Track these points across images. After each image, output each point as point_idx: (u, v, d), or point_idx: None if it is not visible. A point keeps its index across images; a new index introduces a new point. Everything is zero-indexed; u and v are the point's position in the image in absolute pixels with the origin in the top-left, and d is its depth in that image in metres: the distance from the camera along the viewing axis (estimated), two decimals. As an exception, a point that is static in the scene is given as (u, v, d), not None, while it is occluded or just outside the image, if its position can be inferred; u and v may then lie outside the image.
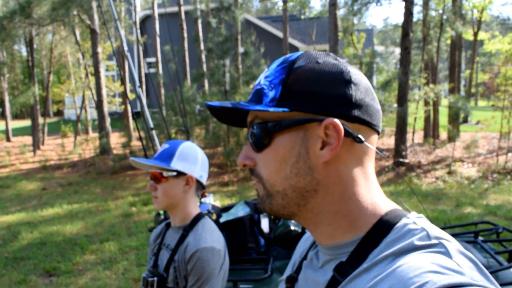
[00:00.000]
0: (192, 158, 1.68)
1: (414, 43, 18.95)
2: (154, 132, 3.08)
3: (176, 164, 1.64)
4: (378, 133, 0.75)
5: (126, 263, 5.40)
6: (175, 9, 16.51)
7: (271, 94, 0.72)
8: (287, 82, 0.71)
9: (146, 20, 22.04)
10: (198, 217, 1.70)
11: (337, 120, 0.68)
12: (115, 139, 15.46)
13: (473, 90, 37.31)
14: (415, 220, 0.68)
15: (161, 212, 2.46)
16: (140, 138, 2.77)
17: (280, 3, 19.86)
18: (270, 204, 0.75)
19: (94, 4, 12.68)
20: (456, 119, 11.65)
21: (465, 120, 18.67)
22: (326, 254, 0.75)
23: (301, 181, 0.71)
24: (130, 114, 15.81)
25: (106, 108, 13.56)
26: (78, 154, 14.50)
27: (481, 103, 38.74)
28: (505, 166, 9.40)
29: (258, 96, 0.74)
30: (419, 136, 13.85)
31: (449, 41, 16.03)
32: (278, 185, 0.72)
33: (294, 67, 0.71)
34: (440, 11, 12.74)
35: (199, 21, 13.45)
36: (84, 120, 19.54)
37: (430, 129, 13.15)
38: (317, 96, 0.69)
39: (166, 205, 1.67)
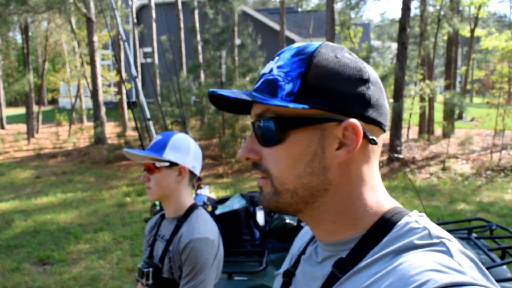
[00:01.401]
0: (184, 149, 1.70)
1: (411, 38, 18.93)
2: (150, 123, 3.07)
3: (169, 154, 1.65)
4: (384, 131, 0.74)
5: (120, 252, 5.40)
6: (172, -1, 16.38)
7: (288, 87, 0.68)
8: (307, 77, 0.68)
9: (143, 10, 21.87)
10: (192, 208, 1.71)
11: (357, 122, 0.67)
12: (110, 129, 15.40)
13: (468, 86, 37.41)
14: (417, 219, 0.68)
15: (157, 202, 2.46)
16: (136, 128, 2.76)
17: (278, -5, 19.78)
18: (276, 202, 0.72)
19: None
20: (451, 115, 11.70)
21: (460, 117, 18.74)
22: (326, 250, 0.74)
23: (314, 181, 0.69)
24: (125, 103, 15.74)
25: (101, 98, 13.49)
26: (72, 143, 14.45)
27: (476, 100, 38.91)
28: (499, 163, 9.47)
29: (271, 87, 0.70)
30: (414, 132, 13.90)
31: (446, 37, 16.04)
32: (289, 184, 0.70)
33: (313, 60, 0.68)
34: (438, 7, 12.73)
35: (196, 11, 13.37)
36: (79, 109, 19.44)
37: (425, 125, 13.20)
38: (337, 94, 0.67)
39: (159, 195, 1.69)
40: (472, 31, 18.86)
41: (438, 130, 13.72)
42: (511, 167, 9.19)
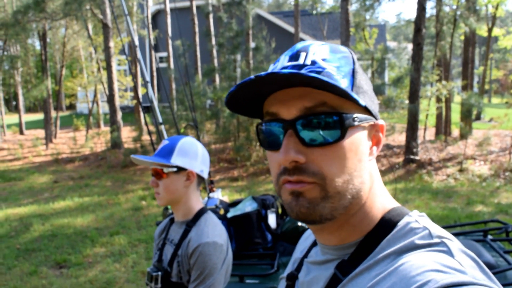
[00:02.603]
0: (192, 153, 1.70)
1: (427, 39, 18.75)
2: (163, 127, 3.09)
3: (176, 159, 1.65)
4: None
5: (135, 256, 5.44)
6: (186, 3, 16.51)
7: (343, 82, 0.65)
8: (357, 75, 0.68)
9: (158, 15, 22.10)
10: (201, 212, 1.71)
11: (384, 123, 0.72)
12: (126, 133, 15.57)
13: (486, 87, 36.89)
14: (417, 219, 0.67)
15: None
16: (149, 133, 2.79)
17: (292, -2, 19.80)
18: (323, 208, 0.65)
19: (107, -1, 12.75)
20: (469, 116, 11.52)
21: (478, 117, 18.48)
22: (329, 254, 0.74)
23: (358, 180, 0.67)
24: (140, 108, 15.88)
25: (117, 102, 13.65)
26: (89, 147, 14.63)
27: (495, 100, 38.28)
28: (518, 164, 9.28)
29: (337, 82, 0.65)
30: (430, 133, 13.72)
31: (462, 37, 15.82)
32: (341, 185, 0.65)
33: (355, 61, 0.70)
34: (454, 7, 12.57)
35: (211, 15, 13.44)
36: (96, 114, 19.70)
37: (442, 126, 13.02)
38: (371, 96, 0.71)
39: (168, 200, 1.69)
40: (490, 30, 18.60)
41: (455, 131, 13.52)
42: (531, 168, 8.99)
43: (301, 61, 0.66)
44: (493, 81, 38.66)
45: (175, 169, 1.65)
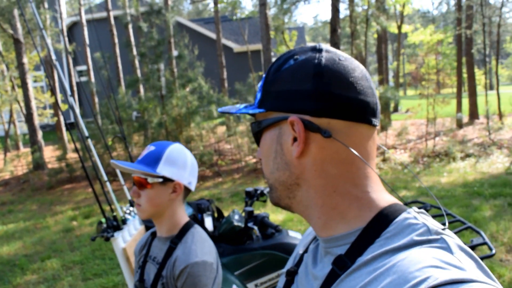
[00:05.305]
0: (181, 162, 1.53)
1: (344, 38, 19.68)
2: (90, 141, 3.02)
3: (163, 169, 1.49)
4: (371, 125, 0.73)
5: (71, 278, 5.22)
6: (103, 14, 16.07)
7: (258, 96, 0.78)
8: (265, 85, 0.76)
9: (74, 27, 21.26)
10: (187, 227, 1.55)
11: (296, 117, 0.69)
12: (49, 153, 14.78)
13: (401, 80, 39.26)
14: (416, 215, 0.68)
15: (103, 220, 2.42)
16: (76, 150, 2.69)
17: (212, 5, 19.87)
18: (271, 196, 0.80)
19: (17, 13, 12.06)
20: (387, 108, 12.24)
21: (396, 109, 19.63)
22: (323, 247, 0.75)
23: (282, 176, 0.75)
24: (63, 124, 15.18)
25: (37, 121, 12.94)
26: (9, 171, 13.71)
27: (410, 92, 40.89)
28: (434, 149, 10.03)
29: (255, 99, 0.80)
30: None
31: (375, 35, 16.78)
32: (269, 179, 0.79)
33: (269, 71, 0.77)
34: (365, 7, 13.32)
35: (130, 26, 13.18)
36: (14, 135, 18.50)
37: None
38: (287, 94, 0.71)
39: (151, 213, 1.53)
40: (399, 27, 19.87)
41: (376, 124, 14.27)
42: (445, 152, 9.75)
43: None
44: (407, 75, 41.25)
45: (161, 180, 1.49)
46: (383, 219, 0.68)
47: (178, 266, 1.43)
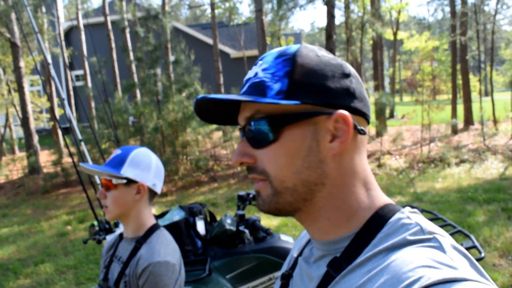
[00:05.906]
0: (144, 165, 1.59)
1: (340, 44, 19.77)
2: (83, 145, 3.03)
3: (127, 171, 1.55)
4: (369, 123, 0.77)
5: (64, 283, 5.21)
6: (101, 19, 16.10)
7: (276, 86, 0.69)
8: (294, 75, 0.69)
9: (71, 32, 21.27)
10: (153, 228, 1.60)
11: (347, 113, 0.69)
12: (45, 157, 14.74)
13: (397, 86, 39.43)
14: (409, 215, 0.68)
15: (95, 223, 2.44)
16: (70, 155, 2.71)
17: (209, 11, 19.94)
18: (276, 202, 0.72)
19: (14, 16, 12.07)
20: (382, 114, 12.29)
21: (392, 115, 19.70)
22: (320, 250, 0.75)
23: (312, 175, 0.70)
24: (58, 129, 15.16)
25: (33, 125, 12.92)
26: (4, 175, 13.67)
27: (406, 98, 41.02)
28: (429, 155, 10.07)
29: (258, 89, 0.71)
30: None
31: (371, 42, 16.87)
32: (288, 181, 0.70)
33: (297, 59, 0.71)
34: (361, 14, 13.41)
35: (127, 30, 13.20)
36: (10, 139, 18.46)
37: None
38: (324, 88, 0.69)
39: (117, 214, 1.58)
40: (395, 34, 20.00)
41: (372, 130, 14.35)
42: (440, 158, 9.80)
43: (250, 73, 0.75)
44: (403, 81, 41.41)
45: (124, 181, 1.55)
46: (378, 220, 0.69)
47: (141, 264, 1.47)
